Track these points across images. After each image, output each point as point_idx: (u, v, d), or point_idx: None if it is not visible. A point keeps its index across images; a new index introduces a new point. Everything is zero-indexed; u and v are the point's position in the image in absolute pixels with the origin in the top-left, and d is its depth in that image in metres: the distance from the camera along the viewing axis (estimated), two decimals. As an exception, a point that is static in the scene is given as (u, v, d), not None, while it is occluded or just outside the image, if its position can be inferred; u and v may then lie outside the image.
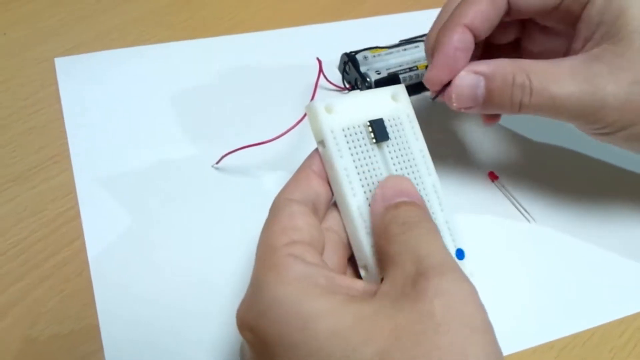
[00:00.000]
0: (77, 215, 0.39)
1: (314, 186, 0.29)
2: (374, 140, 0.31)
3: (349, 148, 0.30)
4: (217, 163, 0.42)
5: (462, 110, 0.35)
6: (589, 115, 0.33)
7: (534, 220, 0.43)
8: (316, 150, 0.31)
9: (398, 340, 0.22)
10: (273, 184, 0.42)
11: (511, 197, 0.43)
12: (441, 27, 0.35)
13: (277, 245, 0.26)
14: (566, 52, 0.36)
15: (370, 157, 0.30)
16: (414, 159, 0.32)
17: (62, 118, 0.43)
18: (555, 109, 0.33)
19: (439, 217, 0.31)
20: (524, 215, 0.43)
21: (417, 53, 0.48)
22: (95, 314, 0.35)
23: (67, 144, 0.42)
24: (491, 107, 0.34)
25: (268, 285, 0.25)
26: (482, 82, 0.34)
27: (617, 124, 0.33)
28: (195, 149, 0.43)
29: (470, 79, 0.34)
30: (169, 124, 0.44)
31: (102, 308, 0.35)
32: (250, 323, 0.25)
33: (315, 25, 0.53)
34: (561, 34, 0.36)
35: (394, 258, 0.26)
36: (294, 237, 0.26)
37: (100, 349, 0.34)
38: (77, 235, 0.38)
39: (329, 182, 0.30)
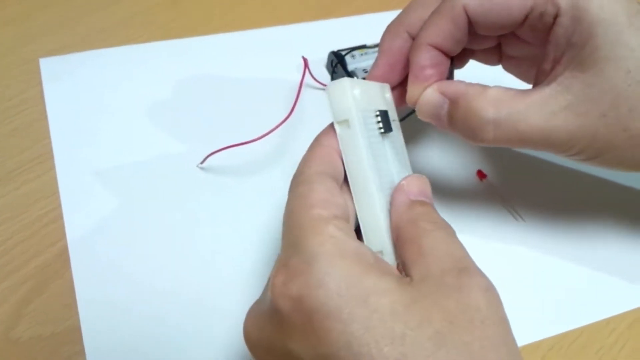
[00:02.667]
0: (60, 217, 0.39)
1: (336, 165, 0.29)
2: (382, 131, 0.30)
3: (367, 131, 0.29)
4: (201, 163, 0.41)
5: (433, 123, 0.34)
6: (558, 147, 0.33)
7: (522, 219, 0.42)
8: (331, 129, 0.30)
9: (452, 324, 0.24)
10: (258, 183, 0.42)
11: (500, 196, 0.43)
12: (410, 47, 0.35)
13: (324, 217, 0.26)
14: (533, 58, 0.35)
15: (379, 145, 0.30)
16: (398, 152, 0.32)
17: (47, 119, 0.43)
18: (523, 142, 0.32)
19: None
20: (512, 215, 0.42)
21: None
22: (77, 315, 0.35)
23: (50, 144, 0.42)
24: (454, 130, 0.33)
25: (325, 257, 0.25)
26: (446, 105, 0.33)
27: (586, 153, 0.33)
28: (181, 149, 0.43)
29: (434, 98, 0.33)
30: (153, 124, 0.44)
31: (83, 310, 0.35)
32: (297, 292, 0.25)
33: (304, 23, 0.53)
34: (539, 44, 0.35)
35: (426, 250, 0.26)
36: (336, 212, 0.26)
37: (81, 350, 0.34)
38: (60, 236, 0.38)
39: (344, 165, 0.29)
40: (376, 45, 0.47)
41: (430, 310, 0.24)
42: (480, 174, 0.44)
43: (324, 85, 0.47)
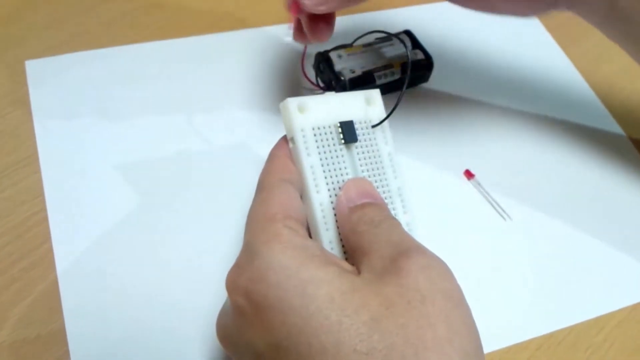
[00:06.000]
0: (45, 219, 0.39)
1: (294, 172, 0.31)
2: (343, 141, 0.32)
3: (317, 147, 0.31)
4: None
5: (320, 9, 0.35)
6: None
7: (509, 218, 0.42)
8: (284, 140, 0.32)
9: (388, 309, 0.24)
10: (247, 182, 0.41)
11: (487, 195, 0.43)
12: None
13: (276, 218, 0.27)
14: None
15: (338, 157, 0.31)
16: (381, 162, 0.33)
17: (32, 121, 0.43)
18: None
19: (402, 219, 0.32)
20: (499, 214, 0.42)
21: (392, 52, 0.47)
22: (62, 318, 0.35)
23: (36, 147, 0.42)
24: None
25: (267, 252, 0.26)
26: None
27: None
28: (168, 151, 0.43)
29: None
30: (140, 126, 0.44)
31: (68, 312, 0.35)
32: (244, 287, 0.26)
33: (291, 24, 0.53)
34: None
35: (367, 248, 0.27)
36: (291, 214, 0.28)
37: (66, 353, 0.34)
38: (45, 238, 0.38)
39: None
40: (364, 45, 0.47)
41: (368, 297, 0.25)
42: (468, 174, 0.44)
43: (313, 84, 0.47)
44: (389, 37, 0.48)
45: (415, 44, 0.49)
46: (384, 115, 0.34)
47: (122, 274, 0.37)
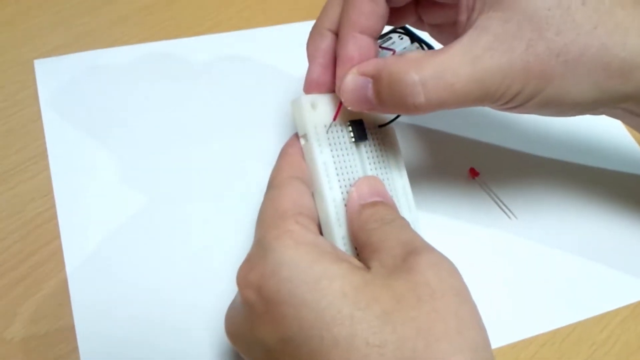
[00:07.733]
0: (54, 216, 0.39)
1: (305, 169, 0.31)
2: (353, 140, 0.32)
3: (329, 144, 0.31)
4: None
5: (365, 111, 0.32)
6: (493, 93, 0.30)
7: (514, 217, 0.42)
8: (295, 138, 0.32)
9: (399, 303, 0.24)
10: (260, 180, 0.42)
11: (492, 194, 0.43)
12: (337, 41, 0.33)
13: (287, 214, 0.28)
14: (455, 24, 0.34)
15: (348, 154, 0.32)
16: (387, 161, 0.34)
17: (41, 119, 0.43)
18: (457, 97, 0.30)
19: (407, 217, 0.32)
20: (504, 212, 0.43)
21: (392, 46, 0.48)
22: (71, 314, 0.35)
23: (45, 145, 0.42)
24: (387, 108, 0.31)
25: (279, 248, 0.26)
26: (370, 84, 0.31)
27: (524, 94, 0.31)
28: (176, 150, 0.43)
29: (356, 81, 0.31)
30: (148, 125, 0.44)
31: (77, 309, 0.35)
32: (256, 283, 0.26)
33: (298, 23, 0.53)
34: (455, 5, 0.34)
35: (377, 245, 0.28)
36: (302, 211, 0.29)
37: (75, 349, 0.34)
38: (54, 236, 0.38)
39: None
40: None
41: (380, 291, 0.25)
42: (472, 172, 0.44)
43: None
44: (389, 32, 0.48)
45: (415, 38, 0.49)
46: (391, 116, 0.34)
47: (130, 271, 0.37)
